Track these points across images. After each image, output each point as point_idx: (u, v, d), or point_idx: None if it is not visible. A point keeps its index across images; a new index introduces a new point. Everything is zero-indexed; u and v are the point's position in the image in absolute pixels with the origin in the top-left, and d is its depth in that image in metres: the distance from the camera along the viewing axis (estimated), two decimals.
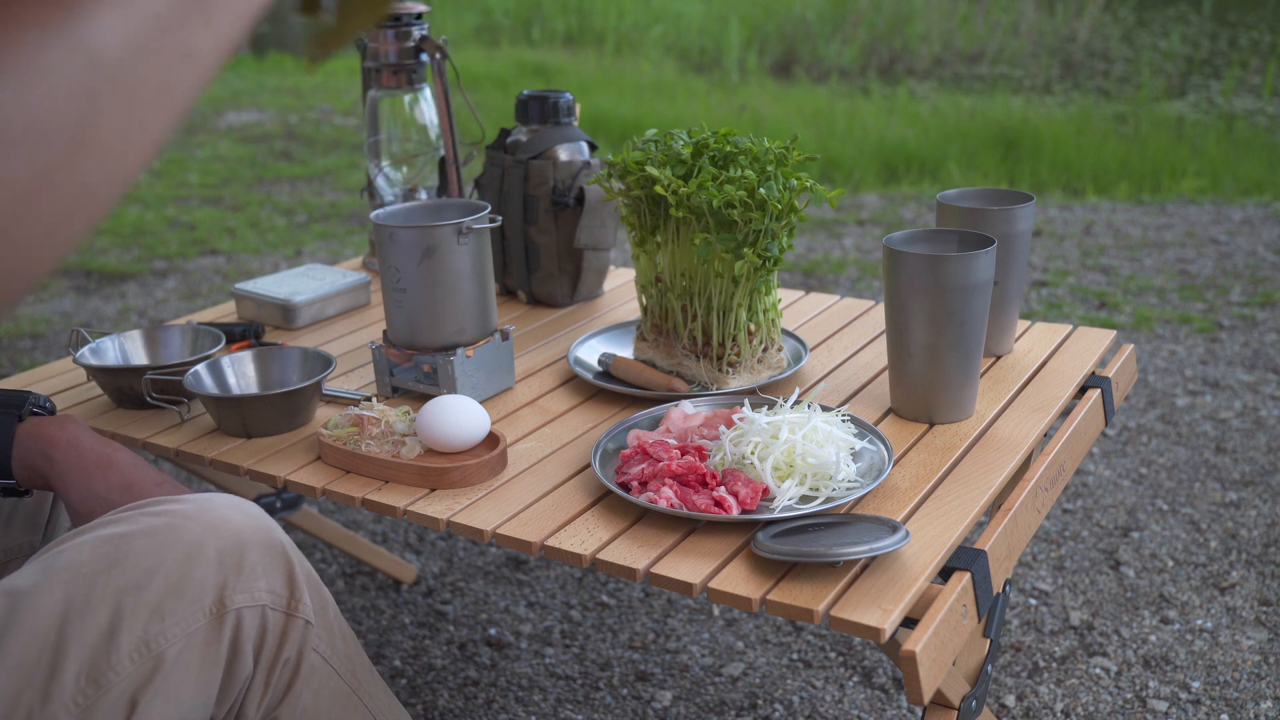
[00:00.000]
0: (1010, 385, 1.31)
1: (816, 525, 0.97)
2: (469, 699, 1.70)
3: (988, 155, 4.88)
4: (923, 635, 0.86)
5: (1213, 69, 6.96)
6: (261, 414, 1.23)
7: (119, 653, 0.85)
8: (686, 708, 1.66)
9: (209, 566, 0.90)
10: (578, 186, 1.59)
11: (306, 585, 0.96)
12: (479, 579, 2.01)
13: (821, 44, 7.98)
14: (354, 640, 1.02)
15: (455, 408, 1.15)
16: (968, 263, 1.14)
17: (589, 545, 1.00)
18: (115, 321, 3.33)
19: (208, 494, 0.97)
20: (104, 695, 0.85)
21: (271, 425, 1.25)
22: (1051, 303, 3.22)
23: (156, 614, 0.87)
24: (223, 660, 0.91)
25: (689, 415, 1.19)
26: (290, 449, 1.23)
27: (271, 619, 0.93)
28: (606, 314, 1.63)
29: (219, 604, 0.90)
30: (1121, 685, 1.67)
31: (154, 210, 4.49)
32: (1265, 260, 3.55)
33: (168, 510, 0.93)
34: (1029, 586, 1.92)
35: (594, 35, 8.49)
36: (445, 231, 1.26)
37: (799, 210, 1.28)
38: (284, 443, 1.24)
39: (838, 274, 3.56)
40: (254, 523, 0.95)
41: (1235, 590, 1.88)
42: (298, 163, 5.24)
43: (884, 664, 1.74)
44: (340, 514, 2.25)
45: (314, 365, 1.33)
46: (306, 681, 0.96)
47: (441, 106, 1.73)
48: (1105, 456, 2.35)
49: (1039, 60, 7.41)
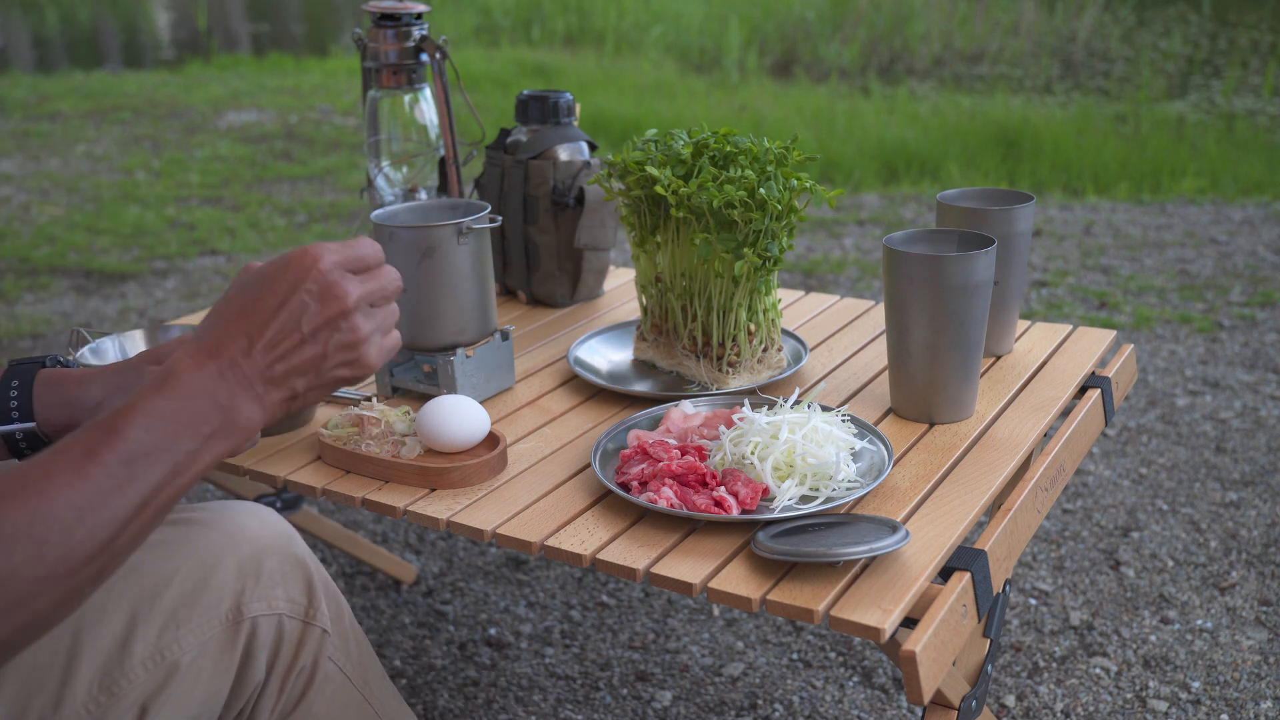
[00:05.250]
0: (1010, 385, 1.31)
1: (816, 525, 0.97)
2: (469, 699, 1.70)
3: (988, 155, 4.88)
4: (923, 635, 0.86)
5: (1213, 69, 6.96)
6: None
7: (132, 660, 0.85)
8: (686, 708, 1.66)
9: (226, 574, 0.90)
10: (578, 186, 1.59)
11: (324, 594, 0.96)
12: (479, 579, 2.01)
13: (821, 44, 7.98)
14: (367, 647, 1.02)
15: (455, 408, 1.15)
16: (968, 263, 1.14)
17: (589, 545, 1.00)
18: (115, 321, 3.33)
19: (226, 502, 0.97)
20: (116, 702, 0.85)
21: (271, 425, 1.24)
22: (1051, 303, 3.22)
23: (171, 621, 0.87)
24: (234, 667, 0.91)
25: (689, 415, 1.19)
26: (290, 449, 1.23)
27: (288, 627, 0.93)
28: (606, 314, 1.63)
29: (235, 612, 0.90)
30: (1121, 685, 1.67)
31: (154, 210, 4.49)
32: (1265, 260, 3.55)
33: (186, 519, 0.93)
34: (1029, 586, 1.92)
35: (594, 35, 8.49)
36: (445, 231, 1.26)
37: (799, 210, 1.28)
38: (284, 443, 1.24)
39: (838, 274, 3.56)
40: (273, 531, 0.95)
41: (1235, 590, 1.88)
42: (298, 163, 5.24)
43: (884, 664, 1.74)
44: (340, 514, 2.25)
45: None
46: (320, 690, 0.96)
47: (441, 106, 1.73)
48: (1105, 456, 2.35)
49: (1039, 60, 7.41)
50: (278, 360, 0.74)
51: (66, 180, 5.00)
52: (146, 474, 0.69)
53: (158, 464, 0.69)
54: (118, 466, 0.68)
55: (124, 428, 0.69)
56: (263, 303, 0.74)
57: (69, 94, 7.08)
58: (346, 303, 0.75)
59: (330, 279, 0.75)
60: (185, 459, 0.71)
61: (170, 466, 0.70)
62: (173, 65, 8.39)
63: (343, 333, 0.75)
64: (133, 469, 0.68)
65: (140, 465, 0.69)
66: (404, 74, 1.76)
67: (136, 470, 0.68)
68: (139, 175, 5.07)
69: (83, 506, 0.66)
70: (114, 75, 7.91)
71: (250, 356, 0.73)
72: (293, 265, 0.74)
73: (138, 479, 0.68)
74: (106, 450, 0.68)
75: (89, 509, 0.67)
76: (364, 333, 0.76)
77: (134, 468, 0.68)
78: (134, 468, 0.68)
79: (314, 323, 0.74)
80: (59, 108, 6.66)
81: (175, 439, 0.70)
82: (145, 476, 0.69)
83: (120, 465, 0.68)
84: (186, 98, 6.87)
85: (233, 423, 0.73)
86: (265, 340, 0.73)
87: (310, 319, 0.74)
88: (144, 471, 0.69)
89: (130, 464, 0.68)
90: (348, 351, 0.76)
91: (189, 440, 0.71)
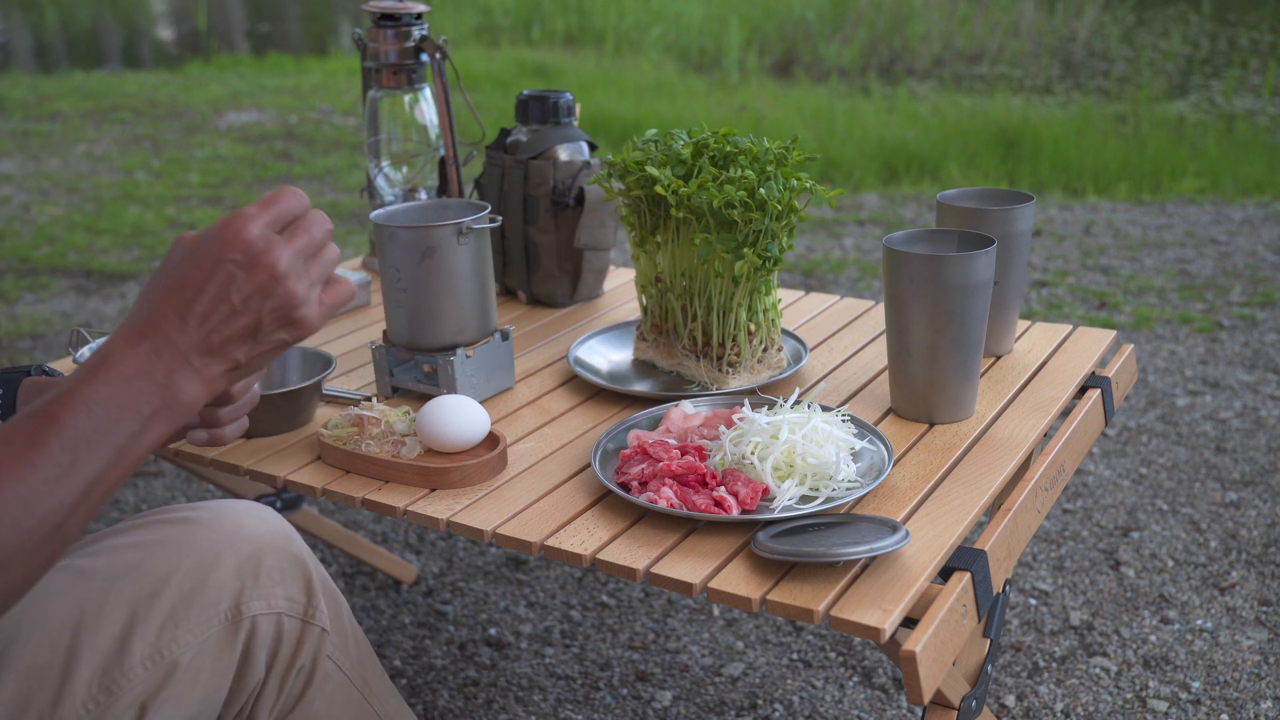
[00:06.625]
0: (1010, 385, 1.31)
1: (816, 525, 0.97)
2: (469, 699, 1.70)
3: (988, 155, 4.88)
4: (923, 635, 0.86)
5: (1213, 69, 6.96)
6: (261, 414, 1.23)
7: (131, 659, 0.85)
8: (686, 708, 1.66)
9: (226, 573, 0.90)
10: (578, 186, 1.59)
11: (323, 593, 0.96)
12: (479, 579, 2.01)
13: (821, 44, 7.98)
14: (367, 646, 1.02)
15: (455, 408, 1.15)
16: (968, 263, 1.14)
17: (589, 545, 1.00)
18: (115, 321, 3.33)
19: (225, 501, 0.97)
20: (115, 701, 0.85)
21: (271, 425, 1.25)
22: (1051, 303, 3.22)
23: (170, 621, 0.87)
24: (234, 666, 0.91)
25: (689, 415, 1.19)
26: (290, 449, 1.23)
27: (287, 626, 0.93)
28: (606, 314, 1.63)
29: (234, 611, 0.90)
30: (1121, 685, 1.67)
31: (154, 210, 4.49)
32: (1265, 260, 3.55)
33: (185, 518, 0.93)
34: (1029, 586, 1.92)
35: (594, 35, 8.49)
36: (445, 231, 1.26)
37: (799, 210, 1.28)
38: (284, 443, 1.24)
39: (838, 274, 3.56)
40: (272, 529, 0.95)
41: (1235, 590, 1.88)
42: (298, 163, 5.24)
43: (884, 664, 1.74)
44: (340, 514, 2.25)
45: (314, 365, 1.33)
46: (320, 689, 0.96)
47: (441, 106, 1.73)
48: (1105, 456, 2.35)
49: (1039, 60, 7.41)
50: (211, 332, 0.73)
51: (66, 180, 5.00)
52: (91, 460, 0.69)
53: (101, 449, 0.69)
54: (61, 454, 0.68)
55: (64, 415, 0.69)
56: (190, 277, 0.73)
57: (69, 94, 7.08)
58: (277, 268, 0.73)
59: (256, 247, 0.73)
60: (128, 441, 0.70)
61: (113, 451, 0.70)
62: (173, 65, 8.39)
63: (275, 298, 0.73)
64: (76, 456, 0.68)
65: (83, 452, 0.69)
66: (404, 74, 1.76)
67: (80, 457, 0.69)
68: (139, 175, 5.07)
69: (29, 498, 0.67)
70: (114, 75, 7.91)
71: (184, 331, 0.72)
72: (216, 236, 0.73)
73: (81, 466, 0.69)
74: (50, 439, 0.68)
75: (36, 500, 0.67)
76: (299, 295, 0.74)
77: (77, 455, 0.68)
78: (77, 455, 0.68)
79: (243, 292, 0.73)
80: (59, 108, 6.66)
81: (116, 423, 0.70)
82: (89, 463, 0.69)
83: (64, 453, 0.68)
84: (186, 98, 6.87)
85: (174, 400, 0.72)
86: (196, 314, 0.72)
87: (239, 289, 0.72)
88: (88, 458, 0.69)
89: (73, 451, 0.68)
90: (283, 315, 0.74)
91: (130, 422, 0.70)
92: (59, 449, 0.68)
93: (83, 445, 0.69)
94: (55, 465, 0.68)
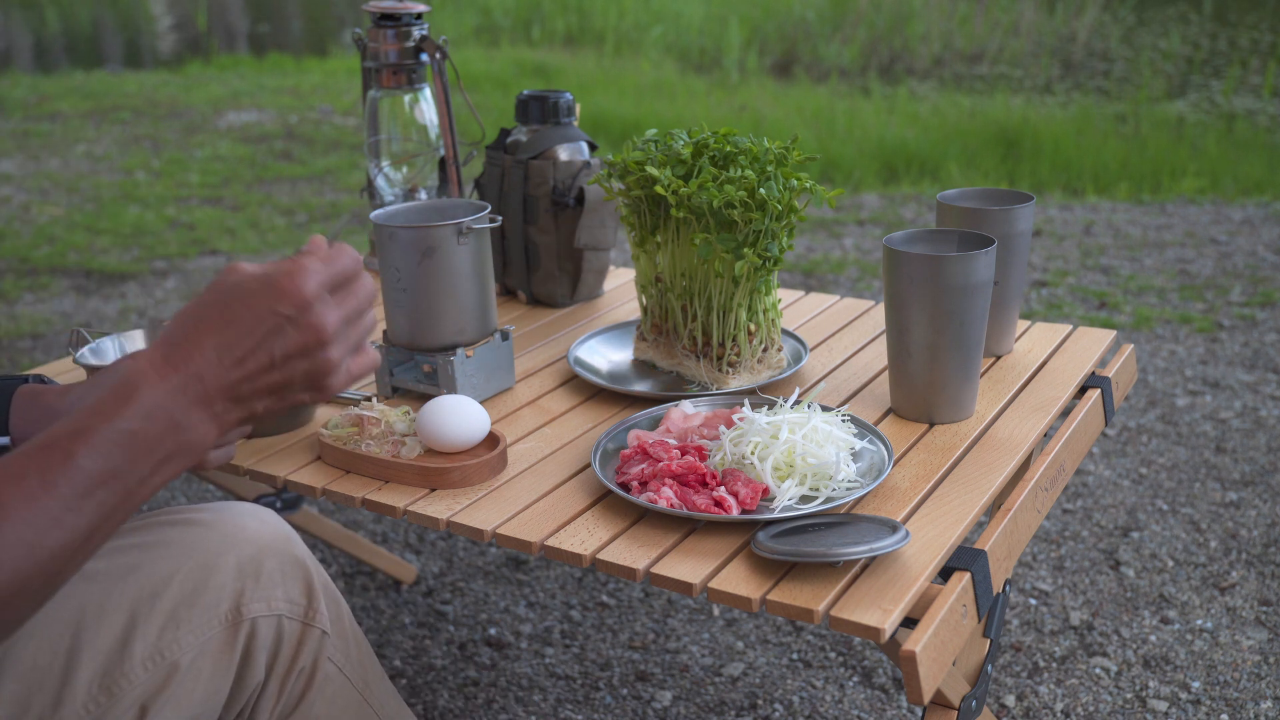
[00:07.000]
0: (1010, 385, 1.31)
1: (816, 525, 0.97)
2: (469, 699, 1.70)
3: (988, 155, 4.88)
4: (923, 635, 0.86)
5: (1213, 69, 6.96)
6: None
7: (132, 661, 0.85)
8: (686, 708, 1.66)
9: (226, 575, 0.90)
10: (578, 186, 1.59)
11: (323, 594, 0.96)
12: (479, 579, 2.01)
13: (821, 44, 7.98)
14: (367, 648, 1.02)
15: (455, 408, 1.15)
16: (968, 263, 1.14)
17: (589, 545, 1.00)
18: (115, 321, 3.33)
19: (226, 503, 0.97)
20: (115, 703, 0.85)
21: (271, 425, 1.25)
22: (1051, 303, 3.22)
23: (171, 622, 0.87)
24: (234, 668, 0.91)
25: (689, 415, 1.19)
26: (290, 449, 1.23)
27: (288, 628, 0.93)
28: (606, 314, 1.63)
29: (235, 612, 0.90)
30: (1121, 685, 1.67)
31: (154, 210, 4.49)
32: (1265, 260, 3.55)
33: (186, 519, 0.93)
34: (1029, 586, 1.92)
35: (594, 35, 8.49)
36: (445, 231, 1.26)
37: (799, 210, 1.28)
38: (284, 443, 1.24)
39: (838, 274, 3.56)
40: (272, 531, 0.95)
41: (1235, 590, 1.88)
42: (298, 163, 5.24)
43: (884, 664, 1.74)
44: (340, 514, 2.25)
45: None
46: (320, 691, 0.96)
47: (441, 106, 1.73)
48: (1105, 456, 2.35)
49: (1039, 60, 7.41)
50: (243, 380, 0.71)
51: (66, 180, 5.00)
52: (99, 503, 0.68)
53: (110, 492, 0.69)
54: (73, 497, 0.67)
55: (80, 452, 0.68)
56: (239, 318, 0.71)
57: (69, 94, 7.08)
58: (325, 333, 0.72)
59: (311, 307, 0.72)
60: (138, 485, 0.70)
61: (122, 493, 0.69)
62: (173, 65, 8.39)
63: (313, 361, 0.73)
64: (85, 499, 0.68)
65: (92, 495, 0.68)
66: (404, 74, 1.76)
67: (88, 500, 0.68)
68: (139, 175, 5.07)
69: (34, 542, 0.66)
70: (114, 75, 7.91)
71: (217, 372, 0.71)
72: (275, 284, 0.71)
73: (88, 510, 0.68)
74: (62, 478, 0.67)
75: (39, 544, 0.66)
76: (334, 362, 0.74)
77: (86, 497, 0.68)
78: (86, 497, 0.68)
79: (287, 349, 0.72)
80: (59, 108, 6.66)
81: (131, 464, 0.69)
82: (97, 506, 0.68)
83: (74, 495, 0.67)
84: (186, 98, 6.87)
85: (186, 444, 0.71)
86: (234, 357, 0.71)
87: (284, 344, 0.71)
88: (96, 501, 0.68)
89: (85, 494, 0.68)
90: (314, 380, 0.74)
91: (143, 465, 0.70)
92: (71, 493, 0.67)
93: (94, 487, 0.68)
94: (66, 509, 0.67)
